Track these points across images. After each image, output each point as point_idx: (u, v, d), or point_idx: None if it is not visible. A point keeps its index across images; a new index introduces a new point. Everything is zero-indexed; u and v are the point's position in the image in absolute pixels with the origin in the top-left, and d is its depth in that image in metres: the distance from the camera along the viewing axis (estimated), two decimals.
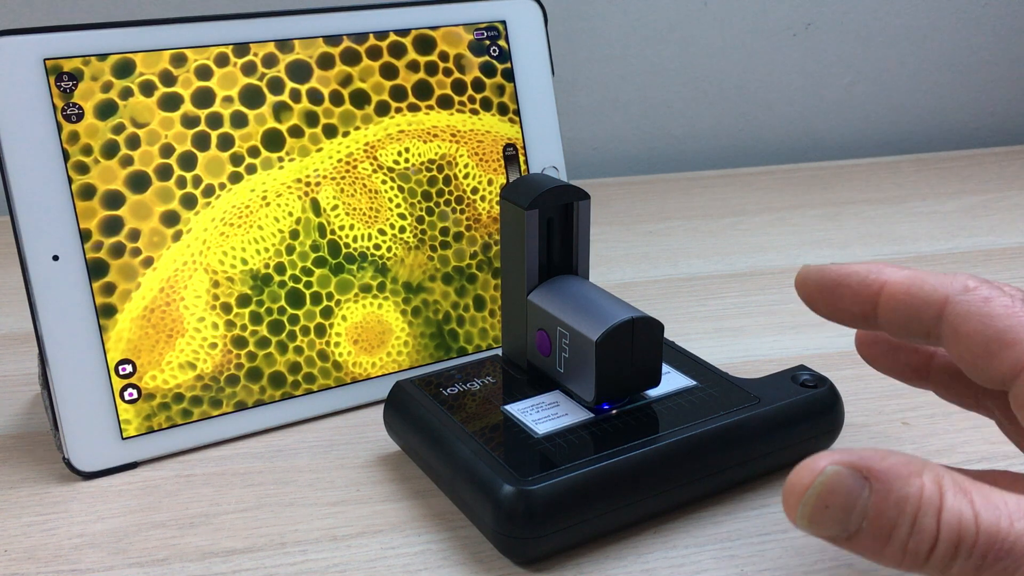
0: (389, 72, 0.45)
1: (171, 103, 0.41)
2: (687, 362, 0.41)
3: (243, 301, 0.42)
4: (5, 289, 0.58)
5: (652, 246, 0.63)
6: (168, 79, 0.40)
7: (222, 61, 0.41)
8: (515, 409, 0.38)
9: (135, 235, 0.40)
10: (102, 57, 0.39)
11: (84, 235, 0.39)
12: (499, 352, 0.43)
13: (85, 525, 0.37)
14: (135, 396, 0.40)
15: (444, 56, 0.46)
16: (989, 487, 0.21)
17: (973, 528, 0.20)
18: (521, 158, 0.48)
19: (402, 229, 0.45)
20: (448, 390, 0.39)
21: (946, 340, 0.26)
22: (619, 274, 0.59)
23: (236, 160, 0.42)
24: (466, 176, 0.46)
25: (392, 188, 0.45)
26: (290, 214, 0.43)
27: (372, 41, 0.44)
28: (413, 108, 0.45)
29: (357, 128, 0.44)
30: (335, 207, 0.44)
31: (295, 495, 0.38)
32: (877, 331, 0.29)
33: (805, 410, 0.38)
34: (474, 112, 0.46)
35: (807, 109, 0.84)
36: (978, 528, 0.20)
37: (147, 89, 0.40)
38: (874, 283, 0.27)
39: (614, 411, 0.37)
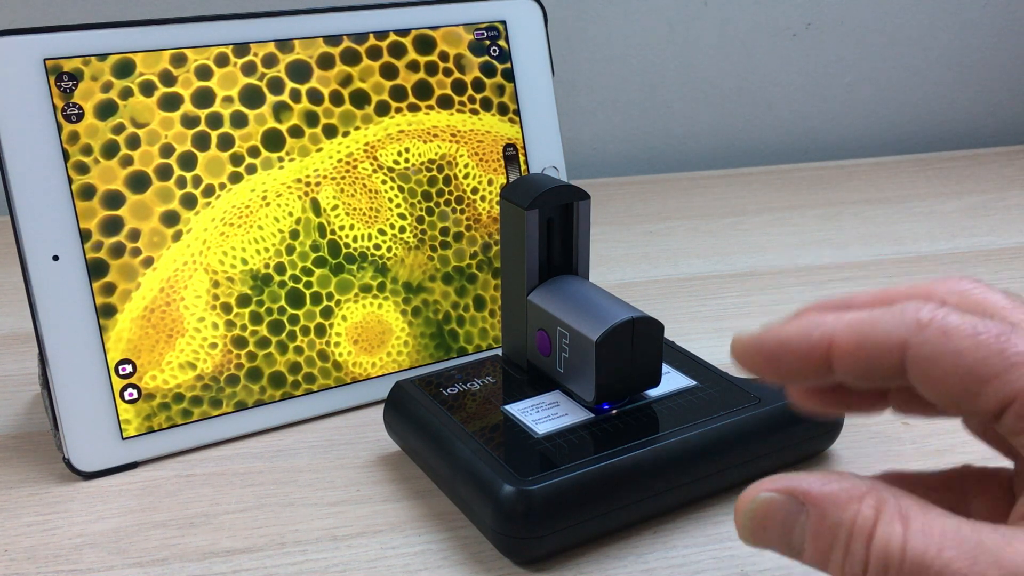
0: (389, 72, 0.45)
1: (171, 103, 0.41)
2: (687, 362, 0.41)
3: (243, 301, 0.42)
4: (5, 289, 0.58)
5: (652, 246, 0.63)
6: (168, 79, 0.40)
7: (222, 61, 0.41)
8: (515, 409, 0.38)
9: (135, 235, 0.40)
10: (102, 57, 0.39)
11: (84, 235, 0.39)
12: (499, 352, 0.43)
13: (85, 525, 0.37)
14: (135, 396, 0.40)
15: (444, 56, 0.46)
16: (937, 512, 0.22)
17: (899, 556, 0.21)
18: (521, 158, 0.48)
19: (402, 229, 0.45)
20: (448, 390, 0.39)
21: (919, 386, 0.24)
22: (619, 274, 0.59)
23: (236, 160, 0.42)
24: (466, 176, 0.46)
25: (392, 188, 0.45)
26: (290, 214, 0.43)
27: (372, 41, 0.44)
28: (413, 108, 0.45)
29: (357, 128, 0.44)
30: (335, 207, 0.44)
31: (295, 495, 0.38)
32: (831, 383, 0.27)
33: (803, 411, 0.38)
34: (474, 112, 0.46)
35: (807, 109, 0.84)
36: (903, 556, 0.21)
37: (147, 89, 0.40)
38: (820, 343, 0.25)
39: (614, 411, 0.37)
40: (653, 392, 0.38)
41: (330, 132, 0.43)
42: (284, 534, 0.36)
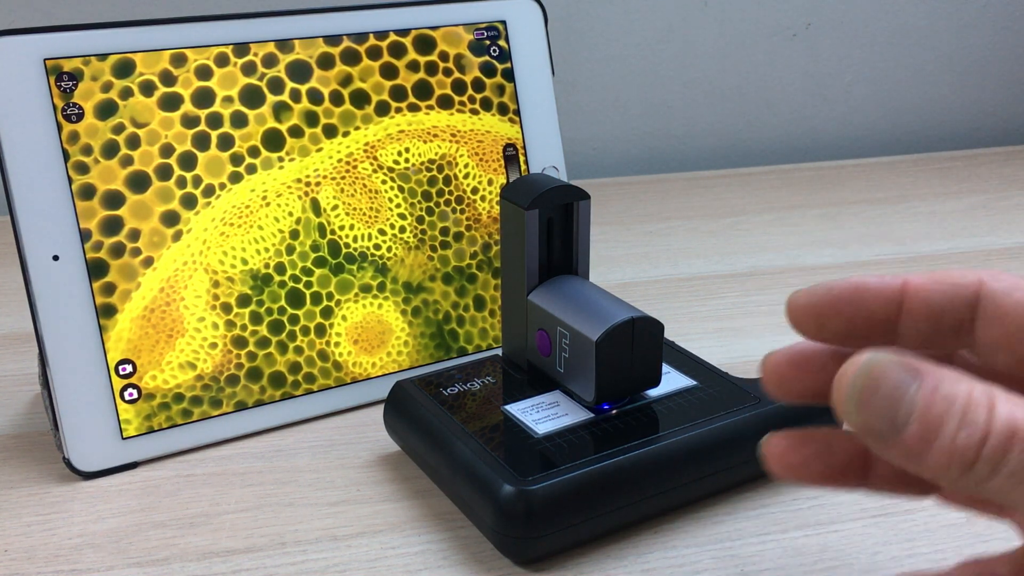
0: (389, 72, 0.45)
1: (171, 103, 0.41)
2: (687, 362, 0.41)
3: (243, 301, 0.42)
4: (5, 289, 0.58)
5: (652, 246, 0.63)
6: (168, 79, 0.40)
7: (222, 61, 0.41)
8: (515, 409, 0.38)
9: (135, 235, 0.40)
10: (102, 57, 0.39)
11: (84, 235, 0.39)
12: (499, 352, 0.43)
13: (85, 525, 0.37)
14: (135, 396, 0.40)
15: (444, 56, 0.46)
16: None
17: None
18: (521, 158, 0.48)
19: (402, 229, 0.45)
20: (448, 390, 0.39)
21: (985, 320, 0.24)
22: (619, 274, 0.59)
23: (236, 160, 0.42)
24: (466, 176, 0.46)
25: (392, 188, 0.45)
26: (290, 214, 0.43)
27: (372, 41, 0.44)
28: (413, 108, 0.45)
29: (357, 128, 0.44)
30: (335, 207, 0.44)
31: (295, 495, 0.38)
32: (894, 345, 0.26)
33: (805, 410, 0.38)
34: (474, 112, 0.46)
35: (807, 109, 0.84)
36: None
37: (147, 89, 0.40)
38: (893, 283, 0.25)
39: (614, 411, 0.37)
40: (653, 392, 0.39)
41: (330, 132, 0.43)
42: (284, 534, 0.36)
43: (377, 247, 0.45)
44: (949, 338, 0.25)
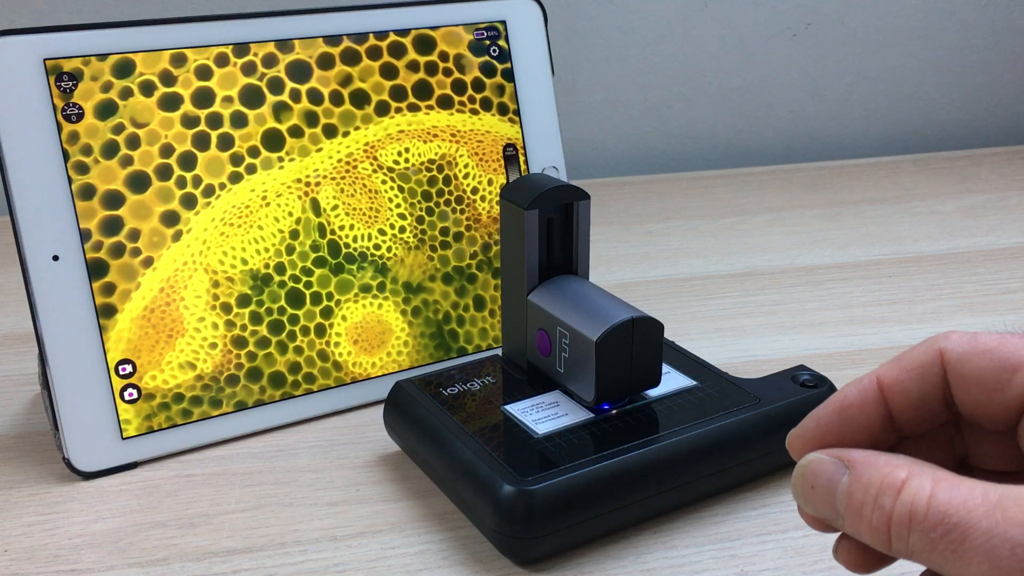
0: (389, 72, 0.45)
1: (171, 103, 0.41)
2: (687, 362, 0.41)
3: (243, 301, 0.42)
4: (5, 289, 0.58)
5: (652, 246, 0.63)
6: (168, 79, 0.40)
7: (222, 61, 0.41)
8: (515, 409, 0.38)
9: (135, 235, 0.40)
10: (102, 57, 0.39)
11: (84, 235, 0.39)
12: (499, 352, 0.43)
13: (85, 525, 0.37)
14: (135, 396, 0.40)
15: (444, 56, 0.46)
16: (970, 480, 0.22)
17: (923, 508, 0.22)
18: (521, 158, 0.48)
19: (402, 229, 0.45)
20: (448, 390, 0.39)
21: (957, 393, 0.26)
22: (619, 274, 0.59)
23: (236, 160, 0.42)
24: (466, 176, 0.46)
25: (392, 188, 0.45)
26: (290, 214, 0.43)
27: (372, 41, 0.44)
28: (413, 108, 0.45)
29: (357, 128, 0.44)
30: (335, 207, 0.44)
31: (295, 495, 0.38)
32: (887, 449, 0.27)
33: (805, 410, 0.38)
34: (474, 112, 0.46)
35: (807, 109, 0.84)
36: (928, 508, 0.22)
37: (147, 89, 0.40)
38: (870, 387, 0.26)
39: (614, 411, 0.37)
40: (653, 392, 0.39)
41: (330, 132, 0.43)
42: (284, 534, 0.36)
43: (377, 247, 0.45)
44: (943, 413, 0.26)
